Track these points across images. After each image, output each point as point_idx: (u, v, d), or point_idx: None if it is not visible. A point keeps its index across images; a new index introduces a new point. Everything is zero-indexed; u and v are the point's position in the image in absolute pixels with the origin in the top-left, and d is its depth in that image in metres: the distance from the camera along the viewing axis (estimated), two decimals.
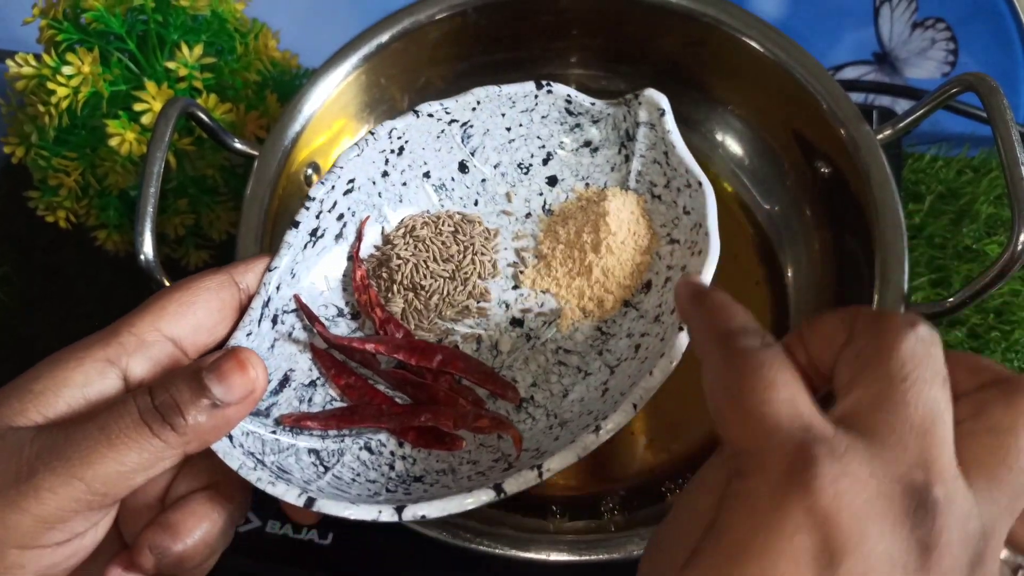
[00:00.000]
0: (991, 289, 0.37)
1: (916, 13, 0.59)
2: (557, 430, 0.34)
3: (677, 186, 0.38)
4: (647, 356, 0.34)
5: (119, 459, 0.27)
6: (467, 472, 0.34)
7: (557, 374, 0.37)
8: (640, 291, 0.37)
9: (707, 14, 0.47)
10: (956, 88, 0.40)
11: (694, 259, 0.35)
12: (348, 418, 0.34)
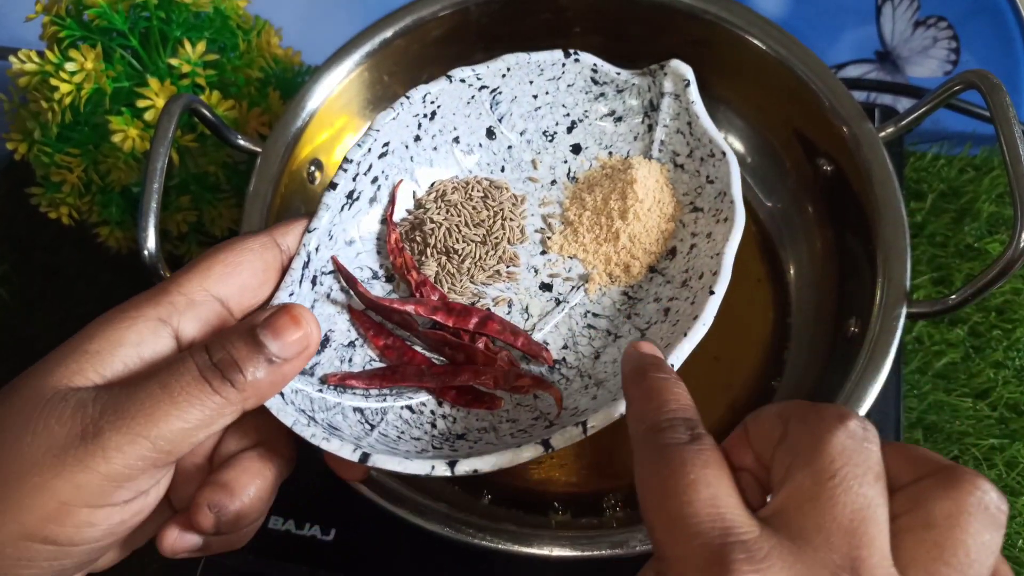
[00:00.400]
0: (993, 287, 0.37)
1: (918, 11, 0.60)
2: (594, 389, 0.35)
3: (700, 156, 0.38)
4: (678, 319, 0.34)
5: (182, 416, 0.27)
6: (508, 430, 0.34)
7: (588, 337, 0.37)
8: (666, 257, 0.38)
9: (709, 12, 0.47)
10: (958, 86, 0.40)
11: (720, 226, 0.36)
12: (390, 377, 0.35)
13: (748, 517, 0.21)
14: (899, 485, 0.22)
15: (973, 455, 0.49)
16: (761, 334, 0.47)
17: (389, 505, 0.36)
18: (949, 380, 0.51)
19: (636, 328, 0.36)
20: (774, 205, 0.50)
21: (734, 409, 0.46)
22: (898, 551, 0.21)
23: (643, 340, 0.35)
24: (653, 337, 0.35)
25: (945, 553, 0.21)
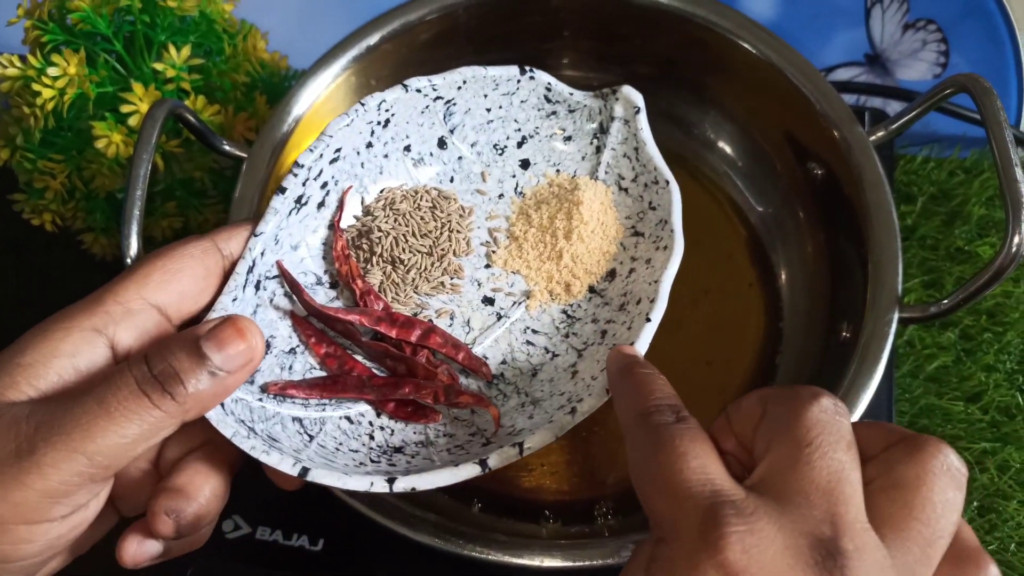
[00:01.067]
0: (985, 291, 0.37)
1: (907, 14, 0.59)
2: (530, 408, 0.35)
3: (644, 182, 0.39)
4: (614, 343, 0.35)
5: (119, 431, 0.27)
6: (444, 445, 0.34)
7: (526, 353, 0.37)
8: (605, 279, 0.38)
9: (699, 15, 0.47)
10: (949, 89, 0.40)
11: (659, 253, 0.36)
12: (331, 388, 0.34)
13: (734, 484, 0.23)
14: (870, 455, 0.25)
15: (965, 459, 0.49)
16: (753, 338, 0.47)
17: (378, 516, 0.36)
18: (941, 383, 0.51)
19: (573, 348, 0.37)
20: (765, 209, 0.50)
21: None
22: (872, 510, 0.23)
23: (581, 358, 0.36)
24: (588, 358, 0.36)
25: (915, 510, 0.23)
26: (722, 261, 0.49)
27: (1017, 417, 0.50)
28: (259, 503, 0.44)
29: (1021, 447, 0.49)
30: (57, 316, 0.29)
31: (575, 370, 0.36)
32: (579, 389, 0.34)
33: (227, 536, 0.43)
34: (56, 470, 0.26)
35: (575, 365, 0.36)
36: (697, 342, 0.47)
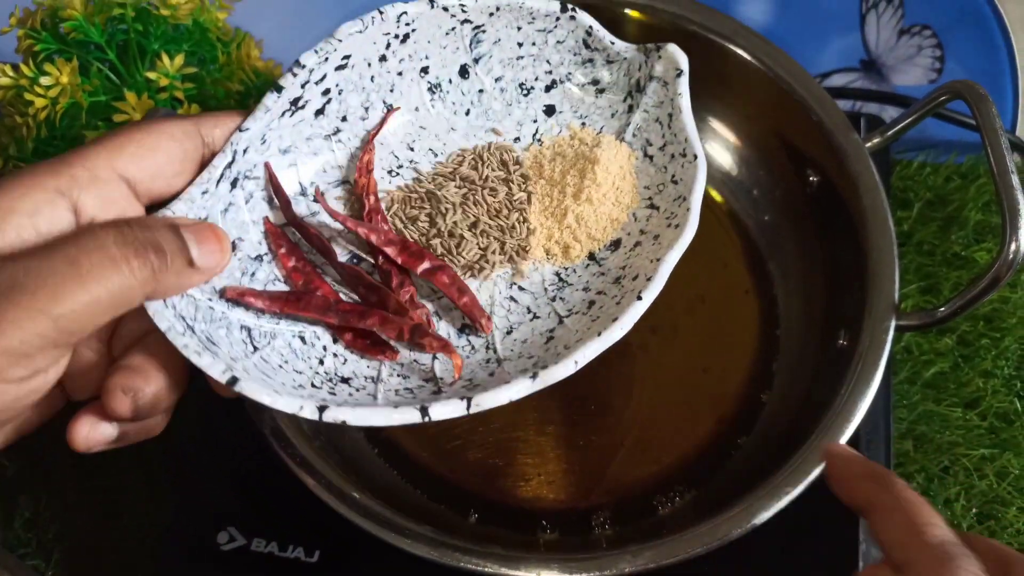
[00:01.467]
0: (983, 298, 0.37)
1: (902, 20, 0.59)
2: (493, 365, 0.33)
3: (672, 152, 0.37)
4: (599, 316, 0.33)
5: (88, 294, 0.26)
6: (395, 385, 0.33)
7: (506, 309, 0.36)
8: (608, 247, 0.36)
9: (693, 21, 0.46)
10: (945, 96, 0.40)
11: (669, 231, 0.34)
12: (294, 304, 0.33)
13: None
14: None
15: (964, 465, 0.49)
16: (749, 346, 0.47)
17: (374, 528, 0.36)
18: (939, 390, 0.51)
19: (556, 313, 0.35)
20: (761, 216, 0.50)
21: (722, 421, 0.45)
22: None
23: (562, 325, 0.34)
24: (571, 326, 0.34)
25: None
26: (718, 268, 0.49)
27: (1016, 423, 0.50)
28: (254, 514, 0.43)
29: (1020, 453, 0.49)
30: (18, 173, 0.28)
31: (551, 336, 0.34)
32: (548, 356, 0.32)
33: (222, 548, 0.43)
34: (18, 329, 0.25)
35: (553, 331, 0.34)
36: (693, 350, 0.47)
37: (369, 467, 0.44)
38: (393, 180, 0.38)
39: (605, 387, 0.46)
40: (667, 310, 0.48)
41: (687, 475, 0.44)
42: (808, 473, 0.36)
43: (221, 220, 0.33)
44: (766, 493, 0.36)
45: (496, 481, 0.44)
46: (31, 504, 0.50)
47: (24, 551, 0.49)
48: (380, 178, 0.37)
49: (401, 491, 0.43)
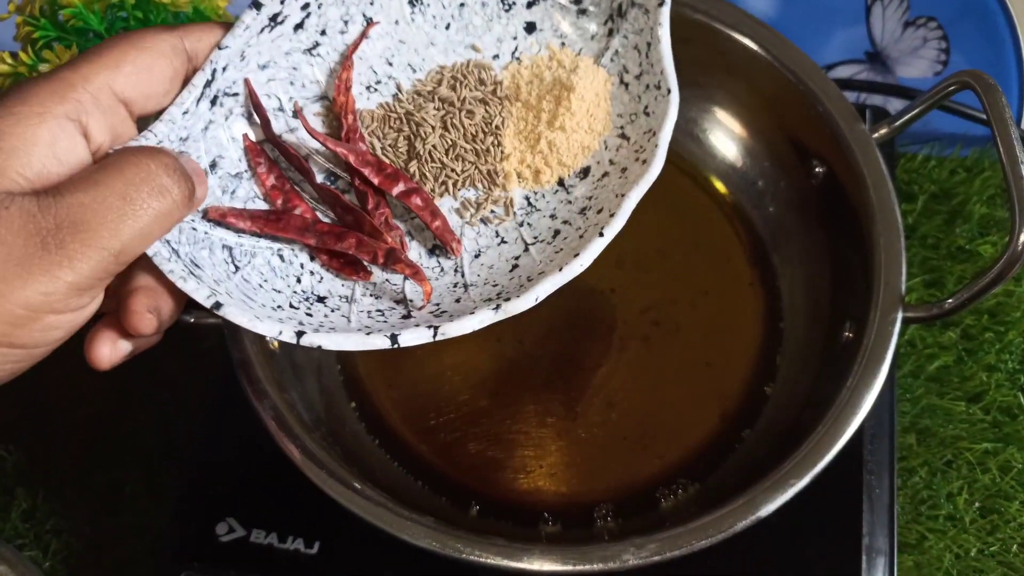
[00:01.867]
0: (990, 291, 0.36)
1: (908, 12, 0.59)
2: (460, 291, 0.34)
3: (647, 83, 0.37)
4: (562, 248, 0.34)
5: (144, 225, 0.28)
6: (367, 306, 0.34)
7: (475, 232, 0.36)
8: (577, 175, 0.36)
9: (698, 10, 0.46)
10: (953, 86, 0.40)
11: (636, 166, 0.35)
12: (273, 223, 0.34)
13: None
14: None
15: (967, 459, 0.48)
16: (753, 339, 0.47)
17: (374, 519, 0.36)
18: (942, 384, 0.51)
19: (523, 239, 0.35)
20: (766, 208, 0.49)
21: (725, 414, 0.45)
22: None
23: (527, 253, 0.35)
24: (535, 256, 0.34)
25: None
26: (721, 262, 0.49)
27: (1019, 417, 0.50)
28: (254, 506, 0.43)
29: (1023, 447, 0.49)
30: (23, 96, 0.28)
31: (516, 263, 0.35)
32: (512, 286, 0.33)
33: (221, 539, 0.42)
34: (86, 265, 0.27)
35: (518, 259, 0.35)
36: (696, 343, 0.47)
37: (369, 459, 0.44)
38: (372, 96, 0.38)
39: (608, 380, 0.46)
40: (670, 303, 0.48)
41: (690, 468, 0.44)
42: (813, 466, 0.36)
43: (202, 138, 0.34)
44: (771, 486, 0.35)
45: (497, 474, 0.44)
46: (29, 496, 0.50)
47: (21, 542, 0.49)
48: (359, 94, 0.37)
49: (402, 483, 0.43)
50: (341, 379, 0.46)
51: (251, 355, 0.39)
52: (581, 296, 0.48)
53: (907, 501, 0.47)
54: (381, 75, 0.38)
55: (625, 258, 0.49)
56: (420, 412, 0.45)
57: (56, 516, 0.50)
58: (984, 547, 0.47)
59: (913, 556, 0.46)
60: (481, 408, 0.45)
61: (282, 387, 0.39)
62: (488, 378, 0.46)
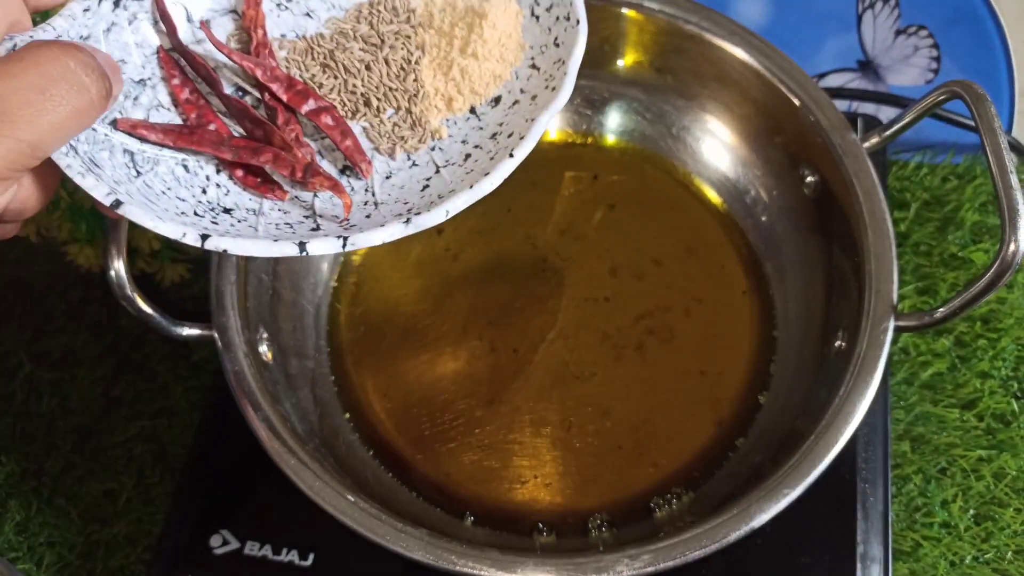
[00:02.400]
0: (982, 299, 0.36)
1: (899, 20, 0.59)
2: (371, 208, 0.34)
3: (557, 15, 0.37)
4: (473, 169, 0.34)
5: (61, 118, 0.27)
6: (276, 219, 0.33)
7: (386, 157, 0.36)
8: (489, 103, 0.37)
9: (691, 21, 0.46)
10: (943, 95, 0.40)
11: (546, 93, 0.35)
12: (187, 138, 0.33)
13: None
14: None
15: (961, 467, 0.49)
16: (747, 348, 0.47)
17: (367, 532, 0.35)
18: (936, 391, 0.51)
19: (434, 162, 0.35)
20: (759, 217, 0.50)
21: (721, 424, 0.45)
22: None
23: (438, 175, 0.35)
24: (446, 177, 0.34)
25: None
26: (715, 270, 0.49)
27: (1013, 424, 0.50)
28: (248, 518, 0.43)
29: (1017, 454, 0.49)
30: None
31: (427, 184, 0.35)
32: (422, 203, 0.33)
33: (215, 552, 0.42)
34: (3, 159, 0.26)
35: (429, 179, 0.35)
36: (690, 352, 0.47)
37: (363, 469, 0.43)
38: (282, 15, 0.37)
39: (602, 388, 0.46)
40: (664, 312, 0.48)
41: (684, 477, 0.44)
42: (807, 475, 0.36)
43: (104, 40, 0.33)
44: (764, 495, 0.35)
45: (492, 484, 0.44)
46: (22, 508, 0.50)
47: (15, 555, 0.49)
48: (269, 11, 0.37)
49: (396, 494, 0.43)
50: (335, 390, 0.46)
51: (245, 367, 0.39)
52: (575, 304, 0.48)
53: (902, 509, 0.47)
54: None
55: (619, 267, 0.49)
56: (415, 422, 0.45)
57: (49, 528, 0.50)
58: (979, 554, 0.47)
59: (908, 564, 0.46)
60: (476, 418, 0.45)
61: (276, 398, 0.39)
62: (483, 388, 0.46)
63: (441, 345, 0.47)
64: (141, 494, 0.50)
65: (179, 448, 0.51)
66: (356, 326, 0.48)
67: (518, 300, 0.49)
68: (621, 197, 0.51)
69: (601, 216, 0.51)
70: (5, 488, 0.51)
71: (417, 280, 0.49)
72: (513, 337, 0.47)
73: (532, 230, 0.50)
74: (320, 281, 0.49)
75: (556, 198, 0.52)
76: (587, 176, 0.52)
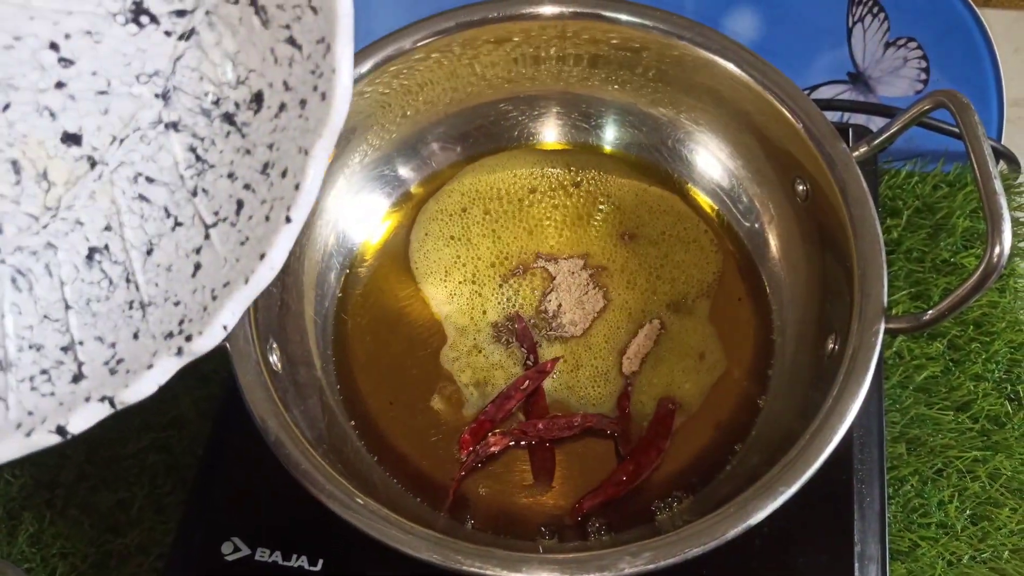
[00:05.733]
0: (968, 302, 0.37)
1: (888, 33, 0.61)
2: (137, 316, 0.27)
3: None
4: (248, 237, 0.27)
5: None
6: (28, 369, 0.27)
7: (139, 216, 0.28)
8: (248, 104, 0.28)
9: (684, 36, 0.48)
10: (929, 105, 0.41)
11: (315, 100, 0.27)
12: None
13: None
14: None
15: (956, 468, 0.49)
16: (744, 352, 0.48)
17: (377, 534, 0.36)
18: (930, 394, 0.52)
19: (200, 218, 0.27)
20: (752, 224, 0.51)
21: (720, 428, 0.46)
22: None
23: (209, 242, 0.27)
24: (219, 249, 0.27)
25: None
26: (710, 276, 0.50)
27: (1007, 425, 0.51)
28: (258, 524, 0.44)
29: (1011, 455, 0.50)
30: None
31: (199, 262, 0.28)
32: (195, 305, 0.26)
33: (226, 558, 0.43)
34: None
35: (200, 252, 0.28)
36: (688, 356, 0.48)
37: (370, 474, 0.44)
38: None
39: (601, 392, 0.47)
40: (658, 314, 0.49)
41: (684, 480, 0.44)
42: (802, 473, 0.36)
43: None
44: (761, 493, 0.36)
45: (494, 487, 0.45)
46: (35, 520, 0.51)
47: (28, 566, 0.50)
48: None
49: (401, 499, 0.44)
50: (342, 398, 0.47)
51: (254, 375, 0.40)
52: None
53: (899, 509, 0.48)
54: None
55: (614, 275, 0.50)
56: (421, 429, 0.46)
57: (62, 539, 0.50)
58: (976, 554, 0.48)
59: (906, 564, 0.47)
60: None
61: (285, 405, 0.40)
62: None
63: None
64: (153, 504, 0.51)
65: (190, 458, 0.51)
66: (362, 336, 0.49)
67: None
68: (616, 205, 0.52)
69: (597, 223, 0.52)
70: (19, 500, 0.52)
71: (422, 290, 0.50)
72: (516, 346, 0.48)
73: (526, 237, 0.51)
74: (327, 292, 0.50)
75: (550, 203, 0.53)
76: (582, 182, 0.53)
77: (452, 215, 0.52)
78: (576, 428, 0.45)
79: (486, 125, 0.53)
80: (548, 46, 0.50)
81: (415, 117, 0.51)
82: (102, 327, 0.27)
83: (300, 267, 0.47)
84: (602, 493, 0.43)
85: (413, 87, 0.50)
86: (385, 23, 0.48)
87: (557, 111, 0.53)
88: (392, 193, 0.53)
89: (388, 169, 0.52)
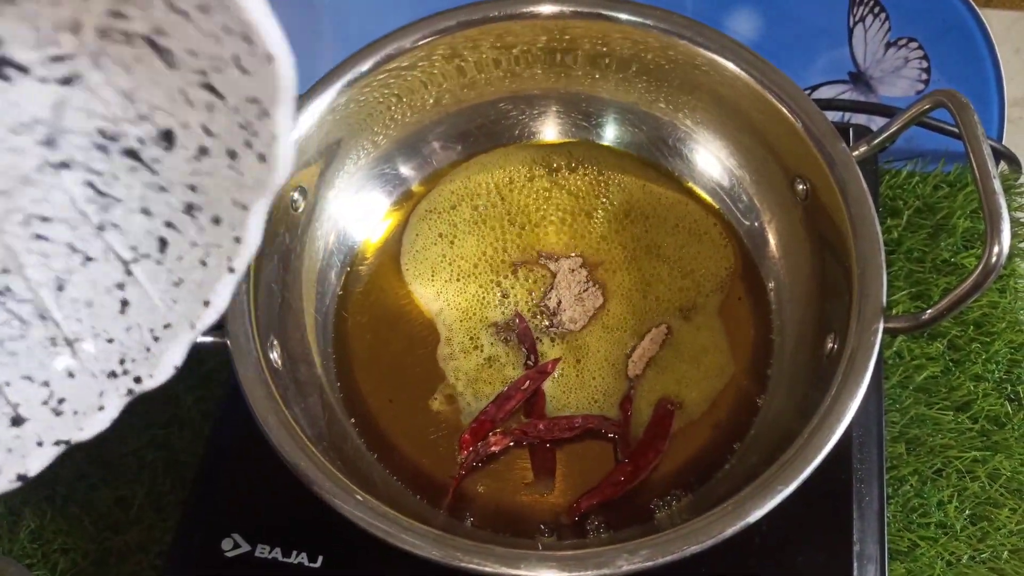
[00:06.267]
0: (966, 301, 0.37)
1: (889, 33, 0.61)
2: (65, 353, 0.26)
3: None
4: (182, 279, 0.25)
5: None
6: None
7: (40, 255, 0.26)
8: (156, 140, 0.25)
9: (685, 36, 0.48)
10: (928, 105, 0.41)
11: (247, 157, 0.25)
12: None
13: None
14: None
15: (956, 468, 0.49)
16: (744, 352, 0.48)
17: (377, 531, 0.36)
18: (930, 394, 0.52)
19: (116, 255, 0.25)
20: (752, 223, 0.51)
21: (718, 427, 0.46)
22: None
23: (133, 279, 0.26)
24: (147, 287, 0.26)
25: None
26: (710, 274, 0.50)
27: (1006, 426, 0.51)
28: (258, 521, 0.44)
29: (1011, 455, 0.50)
30: None
31: (125, 298, 0.26)
32: (133, 344, 0.25)
33: (226, 555, 0.43)
34: None
35: (123, 288, 0.26)
36: (687, 356, 0.48)
37: (369, 472, 0.44)
38: None
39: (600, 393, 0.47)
40: (661, 317, 0.49)
41: (683, 479, 0.45)
42: (800, 471, 0.37)
43: None
44: (759, 491, 0.36)
45: (493, 485, 0.45)
46: (36, 516, 0.51)
47: (29, 562, 0.50)
48: None
49: (401, 496, 0.44)
50: (342, 395, 0.47)
51: (255, 372, 0.40)
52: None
53: (898, 509, 0.48)
54: None
55: (616, 273, 0.50)
56: (421, 427, 0.46)
57: (63, 535, 0.50)
58: (975, 554, 0.48)
59: (905, 563, 0.47)
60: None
61: (286, 402, 0.40)
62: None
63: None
64: (153, 502, 0.51)
65: (190, 457, 0.52)
66: (363, 334, 0.49)
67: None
68: (617, 203, 0.52)
69: (597, 222, 0.52)
70: (19, 496, 0.52)
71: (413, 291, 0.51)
72: (515, 345, 0.48)
73: (527, 232, 0.51)
74: (328, 290, 0.50)
75: (550, 198, 0.53)
76: (582, 180, 0.53)
77: (442, 213, 0.52)
78: (577, 429, 0.45)
79: (487, 124, 0.53)
80: (548, 45, 0.50)
81: (416, 116, 0.51)
82: (25, 365, 0.25)
83: (301, 265, 0.48)
84: (599, 493, 0.43)
85: (414, 86, 0.50)
86: (385, 23, 0.48)
87: (557, 110, 0.54)
88: (393, 192, 0.53)
89: (389, 168, 0.52)
